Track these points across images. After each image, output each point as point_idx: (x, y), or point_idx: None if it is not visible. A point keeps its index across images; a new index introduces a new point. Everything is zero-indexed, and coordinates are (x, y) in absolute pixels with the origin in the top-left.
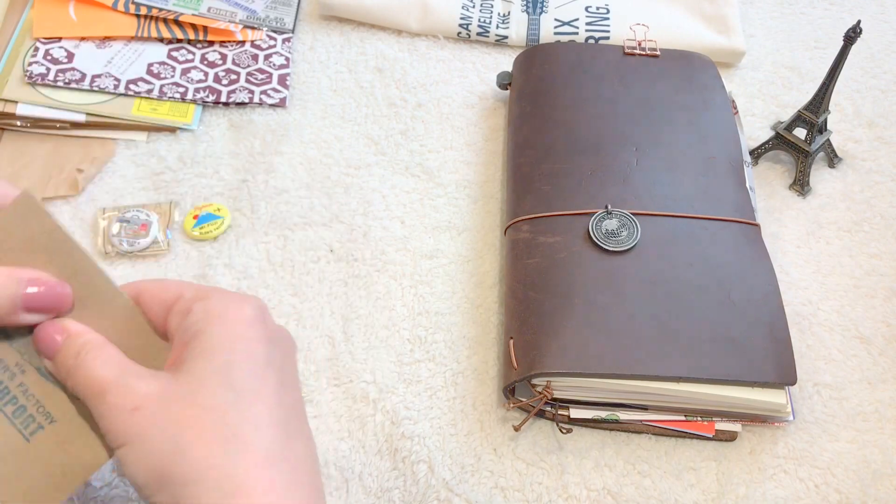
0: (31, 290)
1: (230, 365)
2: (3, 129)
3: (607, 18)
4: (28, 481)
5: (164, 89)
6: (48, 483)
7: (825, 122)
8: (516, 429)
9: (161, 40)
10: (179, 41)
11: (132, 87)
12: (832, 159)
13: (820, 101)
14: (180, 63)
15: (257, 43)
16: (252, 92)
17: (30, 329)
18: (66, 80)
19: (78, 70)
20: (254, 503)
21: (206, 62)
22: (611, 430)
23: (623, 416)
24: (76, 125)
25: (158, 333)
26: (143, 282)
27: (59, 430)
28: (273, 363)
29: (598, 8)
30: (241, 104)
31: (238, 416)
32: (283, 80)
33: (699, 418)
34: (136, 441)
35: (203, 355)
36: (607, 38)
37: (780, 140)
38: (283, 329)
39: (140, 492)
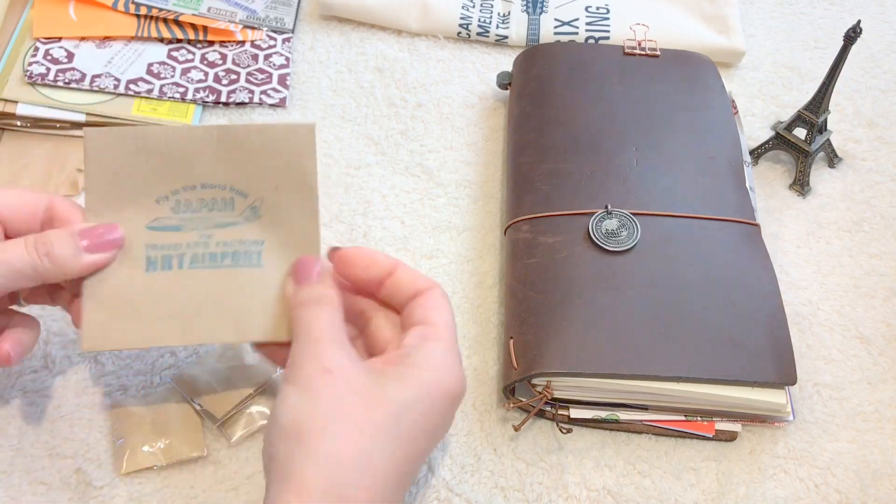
0: (85, 241)
1: (410, 409)
2: (3, 129)
3: (607, 18)
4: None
5: (164, 89)
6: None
7: (825, 122)
8: (516, 429)
9: (161, 40)
10: (179, 41)
11: (132, 87)
12: (832, 159)
13: (820, 101)
14: (180, 63)
15: (257, 43)
16: (252, 92)
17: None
18: (66, 80)
19: (78, 70)
20: None
21: (206, 62)
22: (611, 430)
23: (623, 416)
24: (76, 125)
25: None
26: (351, 250)
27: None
28: (434, 437)
29: (598, 8)
30: (241, 104)
31: (384, 448)
32: (283, 80)
33: (699, 418)
34: (307, 393)
35: (401, 385)
36: (607, 38)
37: (780, 140)
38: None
39: (272, 427)
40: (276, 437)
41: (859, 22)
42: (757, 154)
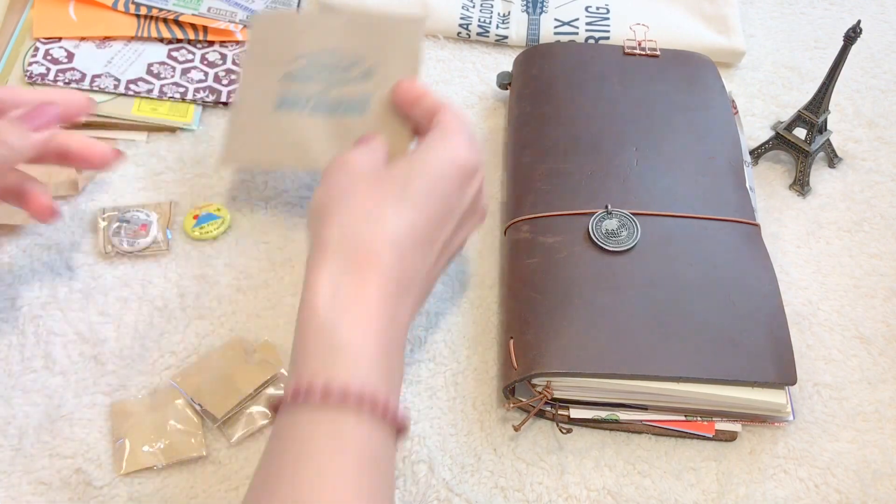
0: (29, 124)
1: (415, 177)
2: None
3: (607, 18)
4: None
5: (164, 89)
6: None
7: (825, 122)
8: (516, 429)
9: (161, 40)
10: (179, 41)
11: (132, 87)
12: (832, 159)
13: (820, 101)
14: (180, 63)
15: None
16: None
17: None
18: (66, 80)
19: (78, 70)
20: (358, 257)
21: (206, 62)
22: (611, 430)
23: (623, 416)
24: (76, 125)
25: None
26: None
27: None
28: (445, 204)
29: (598, 8)
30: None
31: (394, 209)
32: None
33: (699, 418)
34: (327, 180)
35: (409, 162)
36: (607, 38)
37: (780, 140)
38: (483, 206)
39: (307, 217)
40: (310, 220)
41: (859, 22)
42: (757, 154)
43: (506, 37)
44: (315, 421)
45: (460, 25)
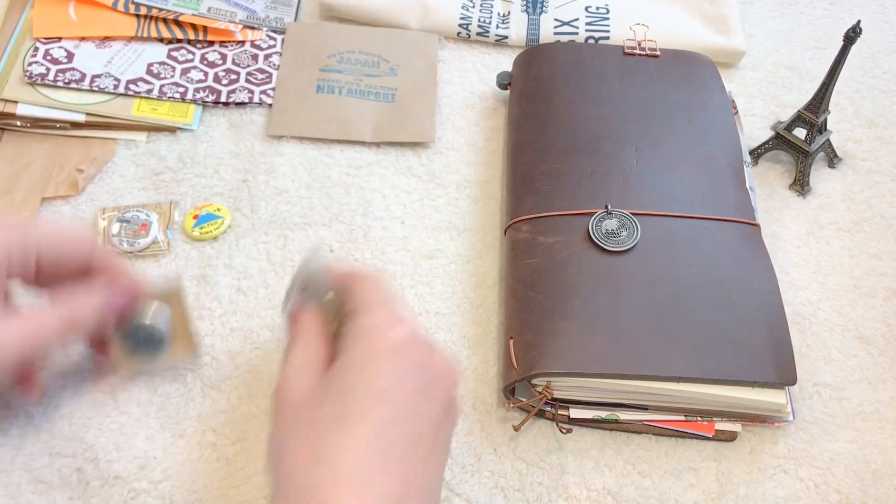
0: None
1: (348, 389)
2: (3, 129)
3: (607, 18)
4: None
5: (164, 89)
6: None
7: (825, 122)
8: (516, 429)
9: (161, 40)
10: (179, 41)
11: (132, 87)
12: (832, 159)
13: (820, 101)
14: (180, 63)
15: (257, 43)
16: (252, 92)
17: None
18: (66, 80)
19: (78, 70)
20: None
21: (206, 62)
22: (611, 430)
23: (623, 416)
24: (76, 125)
25: None
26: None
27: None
28: (391, 397)
29: (598, 8)
30: (241, 104)
31: (339, 436)
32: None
33: (699, 418)
34: (271, 429)
35: (335, 374)
36: (607, 38)
37: (780, 140)
38: (443, 362)
39: (268, 443)
40: (266, 465)
41: (859, 22)
42: (757, 154)
43: (506, 37)
44: None
45: (460, 25)
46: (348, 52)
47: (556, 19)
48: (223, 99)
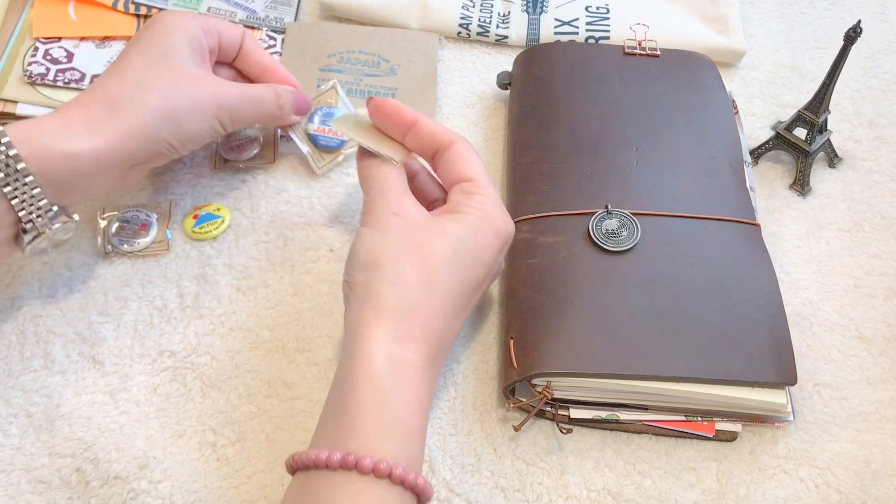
0: (293, 102)
1: (465, 241)
2: None
3: (607, 18)
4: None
5: None
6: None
7: (825, 121)
8: (516, 429)
9: None
10: None
11: None
12: (832, 159)
13: (820, 101)
14: None
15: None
16: None
17: None
18: (66, 80)
19: (77, 70)
20: (412, 325)
21: None
22: (611, 430)
23: (623, 416)
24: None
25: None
26: (457, 144)
27: None
28: (486, 270)
29: (598, 8)
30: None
31: (445, 272)
32: None
33: (699, 418)
34: (380, 232)
35: (458, 224)
36: (607, 38)
37: (781, 140)
38: (503, 262)
39: (350, 262)
40: (355, 268)
41: (859, 22)
42: (757, 154)
43: (506, 37)
44: (361, 491)
45: (460, 25)
46: (349, 52)
47: (556, 19)
48: None
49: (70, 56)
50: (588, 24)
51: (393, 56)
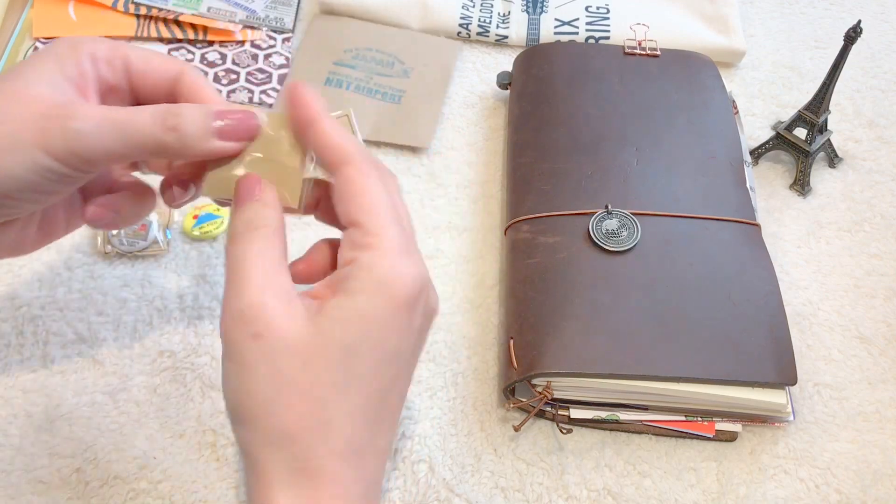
0: (219, 123)
1: (357, 348)
2: None
3: (607, 18)
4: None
5: None
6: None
7: (825, 121)
8: (516, 429)
9: (161, 40)
10: (179, 41)
11: None
12: (832, 159)
13: (820, 101)
14: None
15: (257, 43)
16: (252, 92)
17: None
18: None
19: None
20: (316, 489)
21: (205, 62)
22: (611, 430)
23: (623, 416)
24: None
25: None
26: (325, 117)
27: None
28: (398, 356)
29: (598, 8)
30: (240, 104)
31: (339, 401)
32: (282, 80)
33: (699, 418)
34: (243, 369)
35: (342, 323)
36: (607, 38)
37: (781, 140)
38: (433, 307)
39: (227, 409)
40: (231, 422)
41: (859, 22)
42: (757, 154)
43: (506, 37)
44: None
45: (460, 25)
46: (365, 49)
47: (556, 19)
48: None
49: None
50: (588, 24)
51: (409, 58)
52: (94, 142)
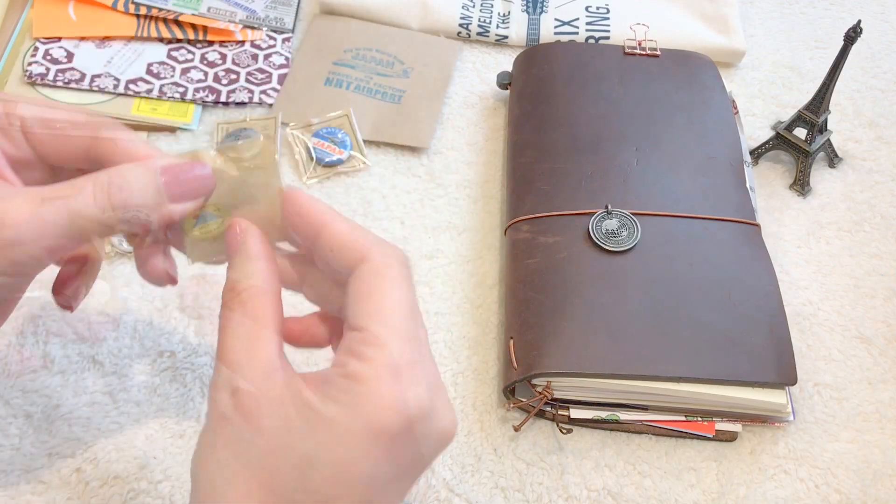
0: (163, 179)
1: (314, 460)
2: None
3: (607, 18)
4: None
5: (164, 89)
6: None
7: (825, 121)
8: (516, 429)
9: (161, 40)
10: (179, 41)
11: (132, 87)
12: (832, 159)
13: (820, 101)
14: (180, 63)
15: (257, 43)
16: (252, 92)
17: None
18: (66, 80)
19: (77, 70)
20: None
21: (205, 62)
22: (611, 430)
23: (623, 416)
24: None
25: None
26: (335, 217)
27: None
28: (369, 483)
29: (598, 8)
30: (240, 104)
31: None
32: (282, 80)
33: (699, 418)
34: (206, 438)
35: (306, 427)
36: (607, 38)
37: (781, 140)
38: (443, 428)
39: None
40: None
41: (859, 22)
42: (757, 154)
43: (506, 37)
44: None
45: (460, 25)
46: (365, 50)
47: (556, 19)
48: (223, 99)
49: (70, 56)
50: (588, 24)
51: (409, 59)
52: (33, 246)
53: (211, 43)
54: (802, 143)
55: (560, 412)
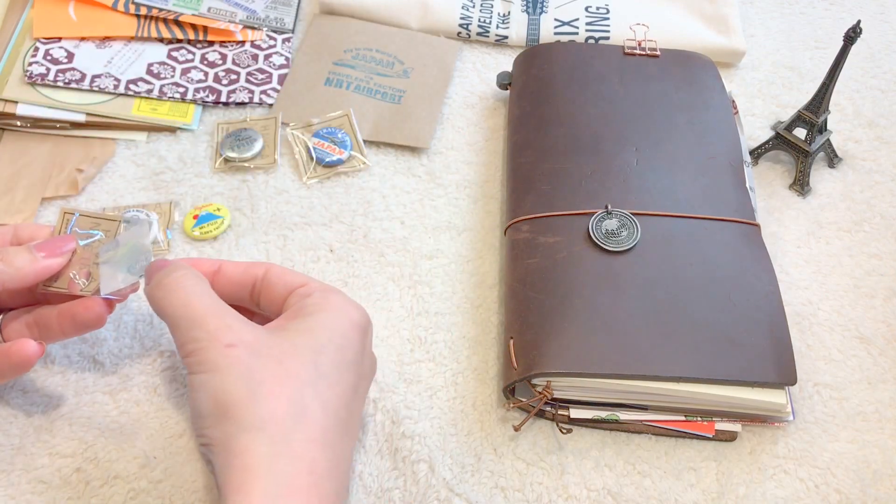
0: (41, 253)
1: (323, 349)
2: (3, 129)
3: (607, 18)
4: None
5: (164, 89)
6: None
7: (825, 122)
8: (516, 429)
9: (161, 40)
10: (179, 41)
11: (132, 87)
12: (832, 159)
13: (820, 101)
14: (180, 63)
15: (257, 43)
16: (252, 92)
17: None
18: (66, 80)
19: (78, 70)
20: (295, 472)
21: (206, 62)
22: (611, 430)
23: (623, 416)
24: (76, 125)
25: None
26: (273, 266)
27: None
28: (355, 368)
29: (598, 8)
30: (241, 104)
31: (313, 394)
32: (282, 80)
33: (699, 418)
34: (219, 374)
35: (306, 332)
36: (607, 38)
37: (780, 140)
38: (374, 359)
39: (197, 420)
40: (206, 426)
41: (859, 22)
42: (757, 154)
43: (506, 37)
44: None
45: (460, 25)
46: (365, 50)
47: (556, 19)
48: (223, 99)
49: (70, 56)
50: (588, 24)
51: (409, 59)
52: None
53: (211, 43)
54: (802, 143)
55: (560, 412)
